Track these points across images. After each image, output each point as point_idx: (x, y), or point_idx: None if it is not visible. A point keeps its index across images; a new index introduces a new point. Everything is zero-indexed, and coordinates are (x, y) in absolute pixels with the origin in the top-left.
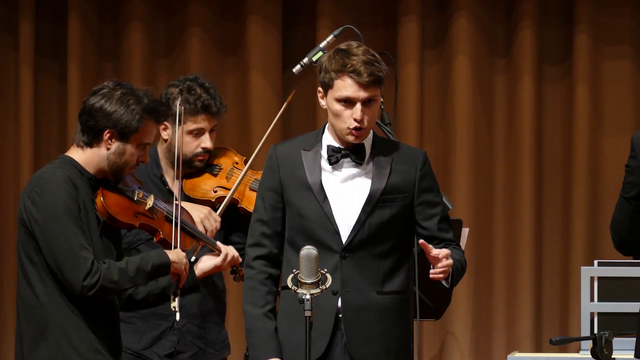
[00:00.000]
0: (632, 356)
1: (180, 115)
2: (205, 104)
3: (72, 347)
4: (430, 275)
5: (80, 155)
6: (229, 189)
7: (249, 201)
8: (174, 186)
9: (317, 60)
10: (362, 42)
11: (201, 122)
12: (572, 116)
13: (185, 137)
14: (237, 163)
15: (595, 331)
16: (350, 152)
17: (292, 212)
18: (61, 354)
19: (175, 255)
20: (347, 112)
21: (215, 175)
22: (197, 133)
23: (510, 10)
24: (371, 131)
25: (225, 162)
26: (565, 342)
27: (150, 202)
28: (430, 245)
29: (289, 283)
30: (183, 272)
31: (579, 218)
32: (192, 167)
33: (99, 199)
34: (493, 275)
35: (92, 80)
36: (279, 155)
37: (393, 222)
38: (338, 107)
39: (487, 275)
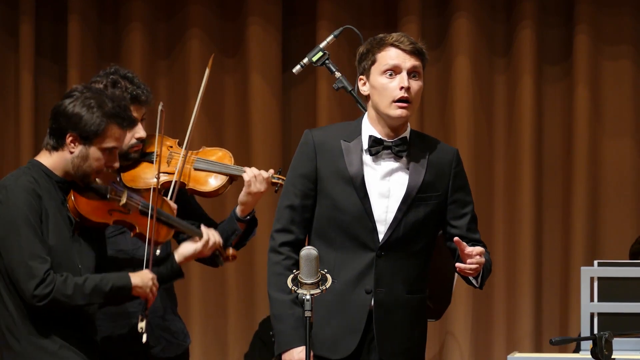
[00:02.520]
0: (633, 356)
1: (160, 118)
2: (133, 95)
3: (39, 346)
4: (458, 269)
5: (47, 159)
6: (172, 173)
7: (196, 181)
8: None
9: (317, 60)
10: (362, 42)
11: (132, 113)
12: (572, 116)
13: None
14: (171, 147)
15: (595, 331)
16: (392, 144)
17: (327, 203)
18: (28, 355)
19: (140, 278)
20: (393, 84)
21: (154, 163)
22: None
23: (510, 10)
24: (408, 125)
25: (159, 148)
26: (565, 342)
27: (124, 198)
28: (464, 243)
29: (289, 283)
30: (149, 294)
31: (579, 218)
32: (128, 159)
33: (71, 201)
34: (493, 275)
35: None
36: (316, 142)
37: (427, 221)
38: (383, 80)
39: None
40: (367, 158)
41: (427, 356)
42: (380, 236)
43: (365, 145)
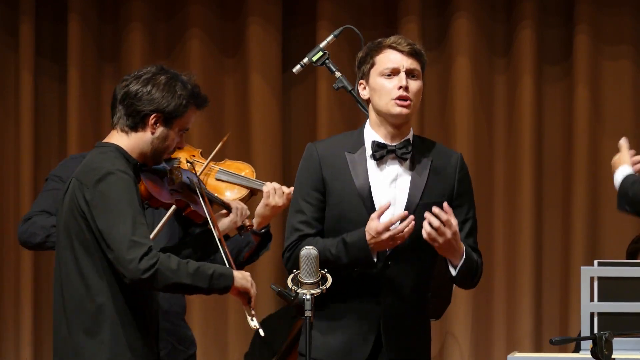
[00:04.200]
0: (633, 356)
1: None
2: None
3: (128, 345)
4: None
5: (125, 140)
6: None
7: (217, 191)
8: None
9: (317, 60)
10: (362, 42)
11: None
12: (572, 116)
13: None
14: (193, 156)
15: (595, 331)
16: (395, 147)
17: (334, 215)
18: (116, 351)
19: (240, 273)
20: (391, 84)
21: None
22: None
23: (510, 10)
24: (411, 128)
25: (183, 155)
26: (565, 342)
27: (180, 176)
28: (446, 212)
29: (289, 283)
30: (250, 289)
31: (579, 218)
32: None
33: (142, 183)
34: (493, 275)
35: (91, 81)
36: (320, 154)
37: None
38: (382, 80)
39: (487, 275)
40: (372, 166)
41: None
42: None
43: (369, 152)
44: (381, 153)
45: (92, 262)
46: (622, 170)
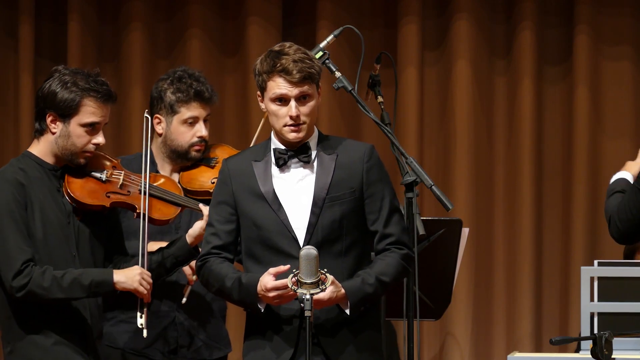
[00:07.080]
0: (633, 356)
1: (146, 126)
2: (197, 91)
3: (36, 346)
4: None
5: (36, 147)
6: None
7: None
8: None
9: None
10: (362, 42)
11: (195, 110)
12: (572, 116)
13: (180, 127)
14: None
15: (595, 331)
16: (295, 152)
17: (247, 222)
18: (23, 352)
19: (123, 275)
20: (282, 111)
21: (212, 167)
22: (192, 122)
23: (510, 11)
24: (316, 130)
25: (222, 155)
26: (565, 342)
27: (120, 179)
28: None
29: (289, 283)
30: (138, 289)
31: (579, 218)
32: (189, 159)
33: (65, 186)
34: (493, 275)
35: None
36: (230, 168)
37: (346, 219)
38: (274, 107)
39: (487, 275)
40: (276, 171)
41: (427, 356)
42: (300, 242)
43: (273, 160)
44: (283, 159)
45: None
46: (620, 174)
